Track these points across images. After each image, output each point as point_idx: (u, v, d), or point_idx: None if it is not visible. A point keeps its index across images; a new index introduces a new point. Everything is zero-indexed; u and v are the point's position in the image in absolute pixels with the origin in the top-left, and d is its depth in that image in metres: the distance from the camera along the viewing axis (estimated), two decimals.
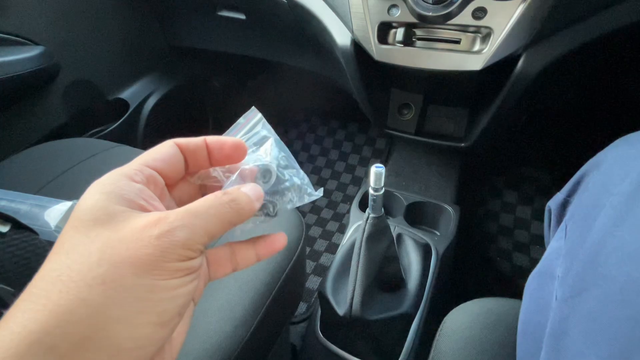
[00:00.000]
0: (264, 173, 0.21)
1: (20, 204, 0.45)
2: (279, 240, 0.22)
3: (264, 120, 0.23)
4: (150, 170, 0.19)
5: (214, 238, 0.18)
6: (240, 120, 0.23)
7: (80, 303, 0.14)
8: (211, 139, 0.21)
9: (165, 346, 0.18)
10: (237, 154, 0.21)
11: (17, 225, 0.36)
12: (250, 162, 0.21)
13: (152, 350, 0.16)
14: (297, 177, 0.22)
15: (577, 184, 0.34)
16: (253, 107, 0.23)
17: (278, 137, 0.23)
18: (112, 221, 0.16)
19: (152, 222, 0.16)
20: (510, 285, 0.88)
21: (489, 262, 0.93)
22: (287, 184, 0.22)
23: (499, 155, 1.11)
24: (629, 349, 0.20)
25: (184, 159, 0.20)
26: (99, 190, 0.17)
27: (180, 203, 0.21)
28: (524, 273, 0.89)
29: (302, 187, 0.22)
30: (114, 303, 0.15)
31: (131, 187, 0.17)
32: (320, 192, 0.22)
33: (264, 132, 0.23)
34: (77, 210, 0.16)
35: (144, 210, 0.17)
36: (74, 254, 0.15)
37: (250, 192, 0.19)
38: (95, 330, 0.14)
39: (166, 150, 0.19)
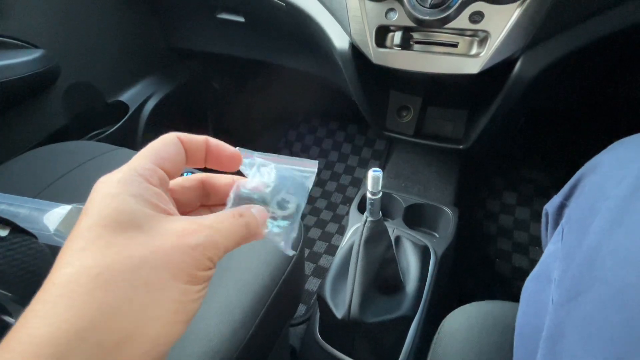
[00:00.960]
0: (280, 202, 0.22)
1: (19, 208, 0.45)
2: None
3: (314, 175, 0.23)
4: (162, 172, 0.19)
5: (227, 252, 0.19)
6: (301, 159, 0.24)
7: (126, 302, 0.15)
8: (212, 141, 0.21)
9: None
10: (231, 164, 0.22)
11: (16, 229, 0.36)
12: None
13: (173, 343, 0.17)
14: (294, 226, 0.23)
15: (574, 187, 0.34)
16: (317, 161, 0.24)
17: (309, 189, 0.23)
18: (146, 225, 0.17)
19: (188, 232, 0.17)
20: (509, 286, 0.88)
21: (488, 263, 0.93)
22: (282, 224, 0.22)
23: (498, 156, 1.11)
24: (624, 353, 0.21)
25: (184, 155, 0.21)
26: (125, 192, 0.17)
27: (178, 203, 0.22)
28: (523, 274, 0.89)
29: (286, 238, 0.23)
30: (155, 303, 0.16)
31: (152, 190, 0.18)
32: (292, 253, 0.22)
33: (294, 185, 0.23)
34: (105, 209, 0.17)
35: (167, 214, 0.18)
36: (112, 254, 0.16)
37: (258, 215, 0.21)
38: (137, 327, 0.15)
39: (173, 149, 0.20)
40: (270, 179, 0.22)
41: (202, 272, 0.17)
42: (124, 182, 0.17)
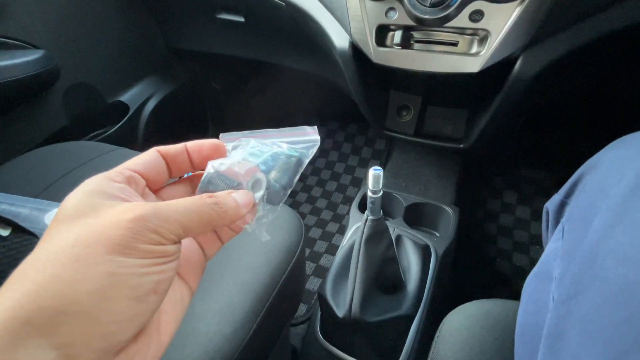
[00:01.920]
0: (255, 182, 0.21)
1: (20, 208, 0.46)
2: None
3: (317, 146, 0.23)
4: (130, 172, 0.20)
5: (192, 234, 0.19)
6: (300, 127, 0.23)
7: (53, 279, 0.15)
8: (191, 143, 0.22)
9: (152, 332, 0.18)
10: (216, 155, 0.22)
11: (17, 229, 0.37)
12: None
13: (131, 326, 0.17)
14: (273, 209, 0.22)
15: (574, 185, 0.34)
16: (316, 127, 0.23)
17: (304, 164, 0.22)
18: (94, 211, 0.17)
19: (129, 209, 0.17)
20: (510, 285, 0.88)
21: (489, 262, 0.93)
22: (261, 207, 0.21)
23: (498, 156, 1.11)
24: (624, 351, 0.21)
25: (165, 164, 0.21)
26: (82, 190, 0.18)
27: None
28: (524, 273, 0.89)
29: (264, 218, 0.21)
30: (85, 278, 0.15)
31: (112, 185, 0.19)
32: (265, 238, 0.22)
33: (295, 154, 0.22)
34: (62, 208, 0.18)
35: (126, 202, 0.18)
36: (54, 240, 0.16)
37: (240, 198, 0.20)
38: (69, 304, 0.15)
39: (147, 156, 0.21)
40: (247, 157, 0.21)
41: (145, 245, 0.17)
42: (85, 183, 0.19)
